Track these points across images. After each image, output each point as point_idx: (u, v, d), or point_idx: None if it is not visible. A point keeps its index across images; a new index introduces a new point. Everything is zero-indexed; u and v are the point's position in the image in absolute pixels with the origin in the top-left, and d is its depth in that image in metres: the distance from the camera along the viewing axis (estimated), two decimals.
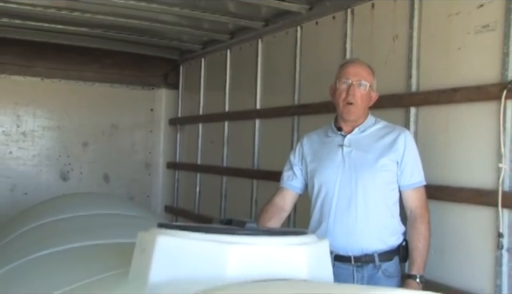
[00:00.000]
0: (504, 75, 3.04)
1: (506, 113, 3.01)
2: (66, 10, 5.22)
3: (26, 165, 6.80)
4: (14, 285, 2.56)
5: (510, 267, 3.01)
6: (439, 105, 3.46)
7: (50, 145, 6.94)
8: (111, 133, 7.20)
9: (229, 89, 5.94)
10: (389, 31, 3.83)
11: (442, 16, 3.44)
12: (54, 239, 3.09)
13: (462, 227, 3.29)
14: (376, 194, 3.14)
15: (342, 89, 3.17)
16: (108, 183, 7.16)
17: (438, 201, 3.33)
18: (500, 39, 3.07)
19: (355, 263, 3.12)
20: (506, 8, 3.03)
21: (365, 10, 4.07)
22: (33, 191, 6.64)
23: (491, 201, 3.04)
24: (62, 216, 3.67)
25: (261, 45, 5.37)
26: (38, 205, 4.38)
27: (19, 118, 6.76)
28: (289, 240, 1.89)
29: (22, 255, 2.89)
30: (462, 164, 3.29)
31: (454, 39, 3.36)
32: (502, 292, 3.02)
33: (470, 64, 3.27)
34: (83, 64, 6.87)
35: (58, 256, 2.77)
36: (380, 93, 3.29)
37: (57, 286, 2.20)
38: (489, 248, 3.09)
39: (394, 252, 3.17)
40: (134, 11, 5.09)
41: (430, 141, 3.46)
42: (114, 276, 2.11)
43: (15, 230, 3.58)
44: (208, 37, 6.16)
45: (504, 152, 3.00)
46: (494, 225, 3.06)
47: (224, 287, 1.61)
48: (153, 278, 1.80)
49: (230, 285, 1.63)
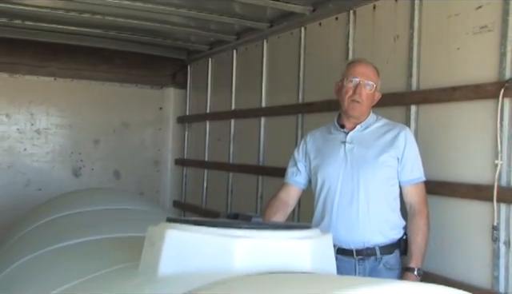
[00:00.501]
0: (501, 74, 3.04)
1: (503, 111, 3.01)
2: (77, 12, 5.23)
3: (39, 162, 6.82)
4: (28, 277, 2.57)
5: (507, 259, 3.01)
6: (439, 104, 3.45)
7: (62, 142, 6.95)
8: (121, 130, 7.21)
9: (235, 88, 5.94)
10: (390, 32, 3.83)
11: (441, 17, 3.44)
12: (67, 233, 3.10)
13: (461, 221, 3.29)
14: (377, 189, 3.15)
15: (349, 87, 3.18)
16: (118, 179, 7.17)
17: (437, 196, 3.33)
18: (497, 39, 3.07)
19: (357, 256, 3.13)
20: (503, 9, 3.03)
21: (367, 12, 4.07)
22: (46, 186, 6.65)
23: (488, 196, 3.05)
24: (74, 210, 3.68)
25: (266, 45, 5.37)
26: (51, 200, 4.39)
27: (33, 116, 6.78)
28: (293, 234, 1.90)
29: (37, 248, 2.90)
30: (461, 161, 3.29)
31: (454, 39, 3.35)
32: (499, 283, 3.02)
33: (469, 63, 3.27)
34: (94, 64, 6.87)
35: (71, 249, 2.78)
36: (381, 92, 3.29)
37: (70, 278, 2.20)
38: (486, 241, 3.09)
39: (395, 246, 3.17)
40: (144, 13, 5.10)
41: (430, 138, 3.46)
42: (124, 269, 2.11)
43: (30, 224, 3.59)
44: (215, 37, 6.16)
45: (500, 148, 3.00)
46: (491, 219, 3.06)
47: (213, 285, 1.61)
48: (162, 270, 1.80)
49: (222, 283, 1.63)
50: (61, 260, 2.65)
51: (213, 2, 4.83)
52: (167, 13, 5.13)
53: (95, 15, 5.28)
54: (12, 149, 6.69)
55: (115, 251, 2.49)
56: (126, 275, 2.00)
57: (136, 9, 4.94)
